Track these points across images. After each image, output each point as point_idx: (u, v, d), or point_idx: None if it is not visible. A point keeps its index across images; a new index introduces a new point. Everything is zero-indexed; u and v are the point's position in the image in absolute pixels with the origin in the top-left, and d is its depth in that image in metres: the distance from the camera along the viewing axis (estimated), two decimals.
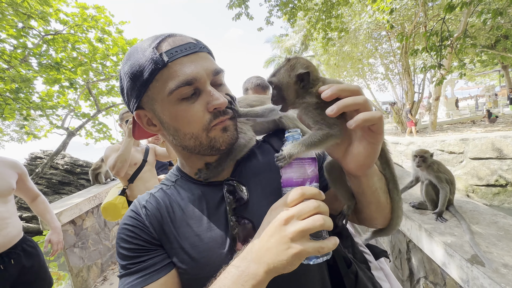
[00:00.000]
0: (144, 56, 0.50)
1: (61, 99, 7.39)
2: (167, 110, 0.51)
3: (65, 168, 9.37)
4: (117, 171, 1.83)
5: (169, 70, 0.49)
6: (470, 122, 11.99)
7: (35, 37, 6.01)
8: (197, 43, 0.53)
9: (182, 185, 0.62)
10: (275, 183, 0.58)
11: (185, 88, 0.49)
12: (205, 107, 0.51)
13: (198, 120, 0.51)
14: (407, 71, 11.19)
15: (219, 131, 0.54)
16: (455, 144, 7.69)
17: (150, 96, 0.52)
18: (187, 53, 0.50)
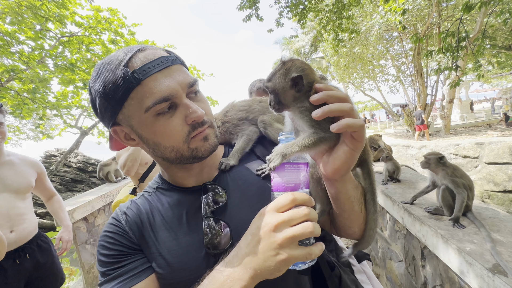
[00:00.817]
0: (115, 74, 0.48)
1: (75, 99, 7.61)
2: (145, 126, 0.51)
3: (78, 166, 9.62)
4: (127, 170, 1.86)
5: (143, 88, 0.48)
6: (486, 125, 11.58)
7: (51, 39, 6.23)
8: (169, 56, 0.52)
9: (163, 191, 0.63)
10: (255, 188, 0.60)
11: (162, 104, 0.49)
12: (183, 120, 0.52)
13: (177, 134, 0.52)
14: (420, 73, 10.93)
15: (200, 141, 0.54)
16: (470, 148, 7.44)
17: (125, 113, 0.51)
18: (160, 69, 0.49)
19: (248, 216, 0.53)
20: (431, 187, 1.48)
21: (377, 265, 2.22)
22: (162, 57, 0.50)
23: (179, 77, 0.51)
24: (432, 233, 1.29)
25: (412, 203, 1.58)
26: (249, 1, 5.63)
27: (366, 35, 10.93)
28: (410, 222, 1.50)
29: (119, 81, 0.47)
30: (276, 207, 0.43)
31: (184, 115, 0.51)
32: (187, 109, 0.51)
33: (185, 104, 0.51)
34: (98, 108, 0.53)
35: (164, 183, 0.64)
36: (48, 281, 1.66)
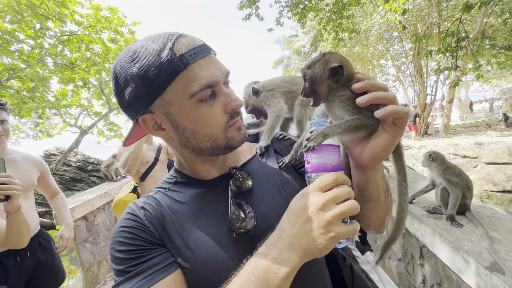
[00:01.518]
0: (160, 57, 0.46)
1: (74, 98, 7.59)
2: (186, 113, 0.50)
3: (77, 165, 9.61)
4: (128, 169, 1.87)
5: (190, 73, 0.47)
6: (485, 125, 11.60)
7: (51, 38, 6.21)
8: (207, 46, 0.52)
9: (183, 185, 0.61)
10: (278, 179, 0.61)
11: (206, 91, 0.49)
12: (223, 108, 0.52)
13: (217, 122, 0.52)
14: (420, 73, 10.94)
15: (235, 130, 0.55)
16: (469, 148, 7.46)
17: (165, 99, 0.49)
18: (203, 55, 0.49)
19: (272, 204, 0.56)
20: (430, 187, 1.49)
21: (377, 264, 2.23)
22: (203, 45, 0.51)
23: (219, 66, 0.52)
24: (430, 231, 1.30)
25: (411, 202, 1.60)
26: (249, 0, 5.63)
27: (366, 35, 10.93)
28: (409, 221, 1.51)
29: (166, 63, 0.46)
30: (320, 186, 0.44)
31: (224, 103, 0.52)
32: (228, 98, 0.52)
33: (225, 93, 0.52)
34: (127, 95, 0.50)
35: (183, 177, 0.62)
36: (49, 279, 1.66)
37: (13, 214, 1.16)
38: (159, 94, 0.48)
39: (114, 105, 8.86)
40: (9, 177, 1.12)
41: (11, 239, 1.24)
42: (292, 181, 0.61)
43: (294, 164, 0.65)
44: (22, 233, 1.26)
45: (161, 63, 0.46)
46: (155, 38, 0.49)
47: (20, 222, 1.21)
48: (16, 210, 1.16)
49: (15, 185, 1.12)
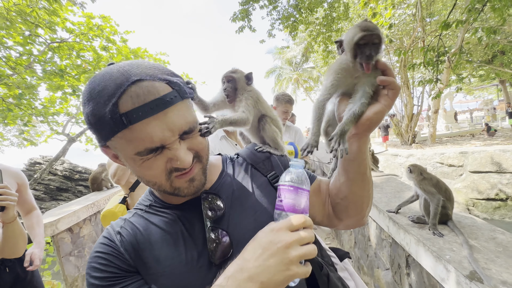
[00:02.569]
0: (104, 110, 0.43)
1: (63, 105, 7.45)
2: (130, 164, 0.50)
3: (64, 174, 9.33)
4: (117, 179, 1.83)
5: (132, 133, 0.44)
6: (469, 135, 12.05)
7: (41, 45, 6.13)
8: (168, 94, 0.46)
9: (157, 209, 0.60)
10: (252, 199, 0.61)
11: (148, 155, 0.47)
12: (165, 163, 0.49)
13: (159, 174, 0.50)
14: (406, 84, 11.34)
15: (184, 182, 0.52)
16: (454, 157, 7.71)
17: (112, 145, 0.48)
18: (152, 114, 0.44)
19: (247, 226, 0.56)
20: (415, 197, 1.53)
21: (365, 273, 2.25)
22: (158, 99, 0.45)
23: (174, 123, 0.47)
24: (415, 241, 1.33)
25: (397, 212, 1.64)
26: (242, 13, 5.77)
27: None
28: (395, 231, 1.54)
29: (107, 119, 0.43)
30: (290, 226, 0.47)
31: (168, 158, 0.49)
32: (173, 155, 0.48)
33: (173, 150, 0.48)
34: (88, 127, 0.50)
35: (157, 200, 0.61)
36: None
37: (9, 224, 1.17)
38: (106, 141, 0.48)
39: None
40: (5, 187, 1.13)
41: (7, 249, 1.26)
42: (265, 199, 0.62)
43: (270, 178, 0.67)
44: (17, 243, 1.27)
45: (103, 116, 0.44)
46: (110, 80, 0.45)
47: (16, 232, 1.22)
48: (12, 220, 1.17)
49: (11, 196, 1.13)
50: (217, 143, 1.91)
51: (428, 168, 8.22)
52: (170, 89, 0.47)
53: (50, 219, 2.43)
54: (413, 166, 1.46)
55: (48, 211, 2.77)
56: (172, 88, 0.47)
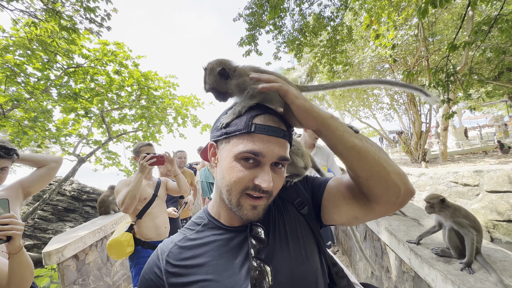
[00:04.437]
0: (242, 116, 0.60)
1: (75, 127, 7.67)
2: (227, 160, 0.59)
3: (72, 195, 9.37)
4: (125, 208, 1.80)
5: (250, 137, 0.57)
6: (482, 152, 11.71)
7: (58, 70, 6.46)
8: (284, 132, 0.60)
9: (208, 229, 0.65)
10: (286, 229, 0.65)
11: (250, 156, 0.56)
12: (253, 177, 0.57)
13: (240, 182, 0.57)
14: (413, 102, 11.32)
15: (249, 205, 0.58)
16: (469, 176, 7.43)
17: (224, 141, 0.61)
18: (270, 134, 0.57)
19: (285, 257, 0.59)
20: (437, 228, 1.43)
21: None
22: (278, 129, 0.59)
23: (277, 148, 0.58)
24: (442, 277, 1.23)
25: (418, 243, 1.53)
26: (249, 38, 5.99)
27: (359, 67, 11.50)
28: (417, 264, 1.43)
29: (240, 122, 0.59)
30: None
31: (256, 176, 0.56)
32: (262, 174, 0.56)
33: (264, 169, 0.57)
34: (215, 126, 0.66)
35: (211, 220, 0.67)
36: None
37: (15, 255, 1.13)
38: (225, 137, 0.61)
39: (114, 134, 8.94)
40: (12, 217, 1.10)
41: (13, 282, 1.20)
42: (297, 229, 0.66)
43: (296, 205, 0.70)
44: (25, 275, 1.22)
45: (239, 119, 0.59)
46: (255, 106, 0.62)
47: (22, 263, 1.18)
48: (18, 250, 1.13)
49: (17, 225, 1.11)
50: None
51: (441, 187, 7.91)
52: (285, 128, 0.61)
53: (56, 246, 2.39)
54: (433, 198, 1.37)
55: (55, 237, 2.73)
56: (287, 129, 0.62)
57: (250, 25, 6.30)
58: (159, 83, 9.35)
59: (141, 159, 1.89)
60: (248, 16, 6.37)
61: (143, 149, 2.12)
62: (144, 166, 1.86)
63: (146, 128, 9.23)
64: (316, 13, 7.27)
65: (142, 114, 8.69)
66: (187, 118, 10.01)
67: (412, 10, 6.45)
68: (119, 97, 8.43)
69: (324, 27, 7.36)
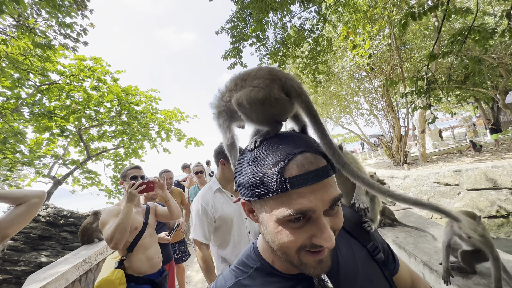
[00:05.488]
0: (269, 172, 0.47)
1: (50, 147, 7.17)
2: (270, 224, 0.49)
3: (47, 220, 8.59)
4: (115, 244, 1.60)
5: (287, 197, 0.46)
6: (457, 152, 12.41)
7: (29, 88, 6.04)
8: (326, 167, 0.48)
9: (263, 276, 0.56)
10: (359, 276, 0.56)
11: (297, 216, 0.46)
12: (309, 237, 0.47)
13: (294, 244, 0.47)
14: (391, 107, 11.86)
15: (314, 261, 0.48)
16: (449, 176, 7.80)
17: (259, 202, 0.50)
18: (312, 183, 0.46)
19: None
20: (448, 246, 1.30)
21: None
22: (319, 169, 0.47)
23: (326, 194, 0.47)
24: None
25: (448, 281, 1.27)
26: (233, 51, 6.01)
27: (338, 75, 11.93)
28: (433, 280, 1.40)
29: (269, 180, 0.47)
30: None
31: (313, 234, 0.47)
32: (319, 231, 0.46)
33: (319, 224, 0.47)
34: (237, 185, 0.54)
35: (264, 264, 0.57)
36: None
37: None
38: (258, 198, 0.49)
39: (93, 152, 8.46)
40: None
41: None
42: (370, 275, 0.57)
43: (370, 250, 0.62)
44: None
45: (267, 176, 0.47)
46: (279, 149, 0.49)
47: None
48: None
49: None
50: (211, 197, 1.65)
51: (425, 188, 8.23)
52: (325, 162, 0.49)
53: (34, 286, 2.11)
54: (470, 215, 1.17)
55: (31, 275, 2.42)
56: (327, 162, 0.50)
57: (233, 38, 6.34)
58: (140, 97, 9.06)
59: (129, 187, 1.73)
60: (231, 29, 6.41)
61: (130, 172, 1.95)
62: (133, 195, 1.71)
63: (128, 145, 8.83)
64: (297, 26, 7.50)
65: (123, 130, 8.32)
66: (171, 132, 9.74)
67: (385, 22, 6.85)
68: (97, 114, 8.03)
69: (305, 39, 7.58)
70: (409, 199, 0.54)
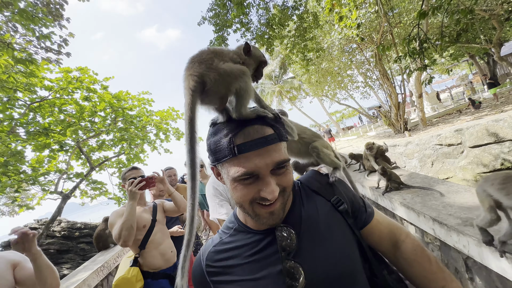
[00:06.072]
0: (223, 141, 0.58)
1: (51, 163, 7.18)
2: (228, 183, 0.61)
3: (63, 235, 8.79)
4: (124, 241, 1.62)
5: (238, 160, 0.57)
6: (457, 112, 12.34)
7: (21, 107, 5.98)
8: (270, 135, 0.58)
9: (239, 233, 0.68)
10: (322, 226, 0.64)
11: (244, 176, 0.56)
12: (257, 191, 0.58)
13: (247, 198, 0.58)
14: (386, 76, 11.68)
15: (265, 213, 0.59)
16: (451, 136, 7.77)
17: (220, 167, 0.62)
18: (255, 149, 0.56)
19: (319, 257, 0.60)
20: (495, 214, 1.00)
21: None
22: (263, 137, 0.57)
23: (269, 158, 0.57)
24: (475, 242, 1.20)
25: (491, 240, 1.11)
26: (218, 40, 5.87)
27: (329, 51, 11.69)
28: (444, 233, 1.41)
29: (223, 147, 0.58)
30: None
31: (259, 188, 0.57)
32: (264, 185, 0.57)
33: (264, 181, 0.57)
34: (207, 150, 0.64)
35: (240, 225, 0.69)
36: None
37: None
38: (216, 163, 0.62)
39: (95, 162, 8.47)
40: None
41: None
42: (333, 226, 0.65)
43: (333, 203, 0.69)
44: None
45: (221, 145, 0.58)
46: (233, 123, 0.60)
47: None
48: None
49: None
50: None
51: (428, 152, 8.24)
52: (272, 131, 0.59)
53: None
54: None
55: None
56: (274, 131, 0.60)
57: (216, 26, 6.17)
58: (133, 102, 8.97)
59: (129, 185, 1.74)
60: (212, 18, 6.23)
61: (129, 174, 1.96)
62: (134, 192, 1.72)
63: (128, 150, 8.83)
64: (280, 4, 7.27)
65: (122, 136, 8.29)
66: (169, 132, 9.71)
67: None
68: (93, 124, 7.98)
69: (289, 17, 7.37)
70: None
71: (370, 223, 0.72)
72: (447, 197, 1.67)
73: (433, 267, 0.67)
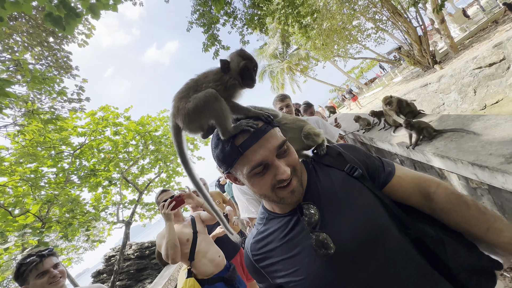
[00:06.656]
0: (226, 148, 0.65)
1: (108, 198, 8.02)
2: (246, 181, 0.67)
3: (136, 256, 9.91)
4: (172, 259, 1.78)
5: (245, 157, 0.63)
6: (492, 23, 10.65)
7: (67, 158, 6.75)
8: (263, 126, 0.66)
9: (270, 221, 0.75)
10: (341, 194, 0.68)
11: (257, 168, 0.63)
12: (273, 177, 0.64)
13: (266, 186, 0.65)
14: (397, 12, 10.50)
15: (287, 193, 0.66)
16: (490, 54, 6.77)
17: (233, 171, 0.68)
18: (256, 141, 0.63)
19: (344, 224, 0.64)
20: None
21: None
22: (259, 130, 0.64)
23: (270, 144, 0.64)
24: None
25: None
26: (210, 40, 5.83)
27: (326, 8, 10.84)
28: (487, 176, 1.28)
29: (228, 153, 0.65)
30: None
31: (274, 174, 0.64)
32: (276, 169, 0.63)
33: (275, 166, 0.63)
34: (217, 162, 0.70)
35: (269, 213, 0.77)
36: None
37: None
38: (229, 169, 0.67)
39: (142, 187, 9.24)
40: None
41: None
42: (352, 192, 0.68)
43: (347, 171, 0.72)
44: None
45: (227, 151, 0.65)
46: None
47: None
48: None
49: None
50: None
51: (467, 80, 7.32)
52: (263, 123, 0.67)
53: None
54: None
55: None
56: (264, 122, 0.67)
57: (204, 27, 6.13)
58: (155, 123, 9.48)
59: (161, 208, 1.89)
60: (198, 19, 6.18)
61: (160, 198, 2.12)
62: (167, 214, 1.86)
63: (165, 168, 9.43)
64: None
65: (156, 158, 8.88)
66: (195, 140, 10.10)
67: None
68: (129, 154, 8.67)
69: None
70: None
71: (391, 181, 0.72)
72: (485, 134, 1.49)
73: (472, 211, 0.64)
